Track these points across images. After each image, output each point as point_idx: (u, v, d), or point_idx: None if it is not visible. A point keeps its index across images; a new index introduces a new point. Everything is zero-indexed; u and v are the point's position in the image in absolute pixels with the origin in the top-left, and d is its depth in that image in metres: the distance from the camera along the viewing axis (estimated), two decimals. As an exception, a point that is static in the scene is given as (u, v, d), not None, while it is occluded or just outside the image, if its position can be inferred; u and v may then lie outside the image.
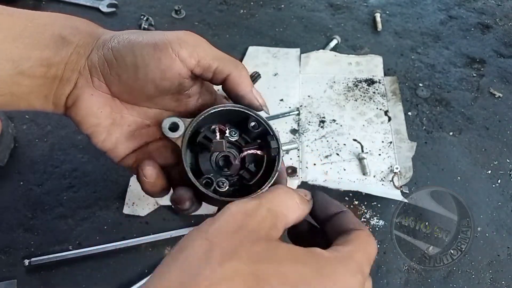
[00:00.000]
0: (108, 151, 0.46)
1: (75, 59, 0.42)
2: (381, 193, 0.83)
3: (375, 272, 0.75)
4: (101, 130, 0.44)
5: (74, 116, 0.44)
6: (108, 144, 0.45)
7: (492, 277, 0.75)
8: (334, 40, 1.14)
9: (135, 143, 0.46)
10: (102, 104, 0.43)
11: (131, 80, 0.42)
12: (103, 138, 0.45)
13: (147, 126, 0.46)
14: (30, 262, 0.74)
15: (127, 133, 0.45)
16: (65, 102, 0.43)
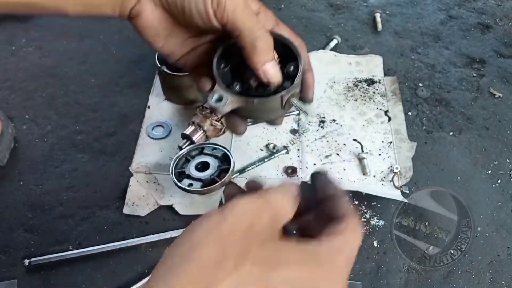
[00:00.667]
0: (166, 55, 0.55)
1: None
2: (381, 193, 0.83)
3: (375, 272, 0.75)
4: (159, 39, 0.53)
5: (138, 26, 0.52)
6: (166, 49, 0.54)
7: (492, 277, 0.75)
8: (334, 40, 1.14)
9: (186, 48, 0.55)
10: (160, 19, 0.51)
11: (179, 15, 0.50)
12: (162, 45, 0.54)
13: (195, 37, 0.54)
14: (30, 262, 0.74)
15: (180, 41, 0.54)
16: (129, 14, 0.51)
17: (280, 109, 0.50)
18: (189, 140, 0.85)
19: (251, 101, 0.47)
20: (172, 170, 0.78)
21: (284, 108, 0.50)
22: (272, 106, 0.49)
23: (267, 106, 0.49)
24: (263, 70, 0.47)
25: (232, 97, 0.48)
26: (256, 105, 0.48)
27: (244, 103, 0.48)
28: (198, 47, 0.55)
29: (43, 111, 0.99)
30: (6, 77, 1.06)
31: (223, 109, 0.48)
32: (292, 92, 0.49)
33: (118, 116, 0.99)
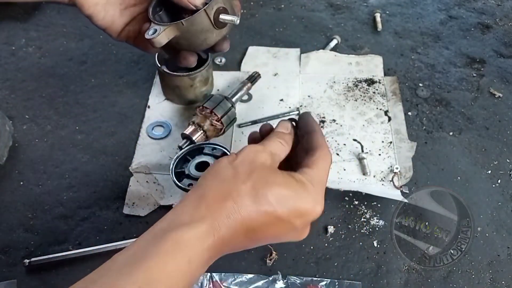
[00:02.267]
0: (107, 28, 0.60)
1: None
2: (381, 193, 0.83)
3: (375, 272, 0.75)
4: (99, 9, 0.58)
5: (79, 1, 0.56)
6: (107, 21, 0.59)
7: (492, 277, 0.75)
8: (334, 40, 1.14)
9: (126, 18, 0.60)
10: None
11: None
12: (102, 16, 0.58)
13: (134, 5, 0.60)
14: (30, 262, 0.74)
15: (119, 11, 0.60)
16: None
17: (213, 28, 0.54)
18: (189, 140, 0.85)
19: (180, 23, 0.52)
20: (172, 170, 0.78)
21: (217, 26, 0.54)
22: (203, 25, 0.53)
23: (197, 26, 0.53)
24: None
25: (164, 26, 0.52)
26: (187, 28, 0.52)
27: (178, 31, 0.53)
28: (137, 16, 0.61)
29: (43, 111, 0.99)
30: (6, 77, 1.07)
31: (159, 39, 0.52)
32: (217, 7, 0.53)
33: (118, 116, 0.99)
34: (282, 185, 0.47)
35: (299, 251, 0.78)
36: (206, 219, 0.44)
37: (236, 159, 0.49)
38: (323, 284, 0.73)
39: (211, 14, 0.52)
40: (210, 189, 0.46)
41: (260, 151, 0.49)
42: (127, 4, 0.60)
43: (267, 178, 0.47)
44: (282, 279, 0.73)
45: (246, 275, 0.74)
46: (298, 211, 0.47)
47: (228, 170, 0.47)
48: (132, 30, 0.62)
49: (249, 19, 1.22)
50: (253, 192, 0.45)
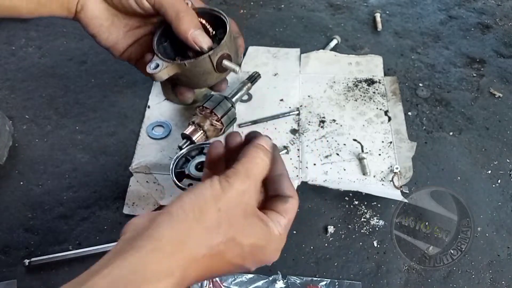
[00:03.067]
0: (110, 47, 0.60)
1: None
2: (381, 193, 0.83)
3: (375, 272, 0.75)
4: (104, 30, 0.58)
5: (83, 19, 0.57)
6: (111, 41, 0.60)
7: (492, 277, 0.75)
8: (334, 40, 1.14)
9: (130, 39, 0.61)
10: (103, 10, 0.58)
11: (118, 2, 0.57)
12: (106, 37, 0.59)
13: (138, 27, 0.61)
14: (30, 262, 0.74)
15: (123, 32, 0.60)
16: (76, 8, 0.57)
17: (214, 71, 0.55)
18: (189, 140, 0.85)
19: (183, 64, 0.52)
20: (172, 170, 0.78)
21: (218, 70, 0.55)
22: (204, 68, 0.54)
23: (200, 68, 0.54)
24: (192, 37, 0.53)
25: (167, 63, 0.53)
26: (189, 69, 0.53)
27: (179, 69, 0.53)
28: (140, 39, 0.61)
29: (43, 111, 0.99)
30: (6, 77, 1.07)
31: (160, 75, 0.53)
32: (221, 53, 0.53)
33: (118, 116, 0.99)
34: (258, 237, 0.44)
35: (299, 251, 0.78)
36: (175, 274, 0.38)
37: (223, 196, 0.42)
38: (323, 284, 0.73)
39: (214, 59, 0.53)
40: (189, 236, 0.40)
41: (246, 192, 0.44)
42: (131, 27, 0.60)
43: (247, 229, 0.44)
44: (282, 279, 0.73)
45: (246, 275, 0.74)
46: (260, 261, 0.46)
47: (212, 215, 0.41)
48: (134, 52, 0.62)
49: (249, 19, 1.22)
50: (231, 245, 0.42)
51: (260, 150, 0.47)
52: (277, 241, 0.47)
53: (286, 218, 0.47)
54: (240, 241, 0.43)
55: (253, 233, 0.44)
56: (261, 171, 0.47)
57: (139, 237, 0.39)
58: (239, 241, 0.43)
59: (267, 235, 0.45)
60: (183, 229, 0.40)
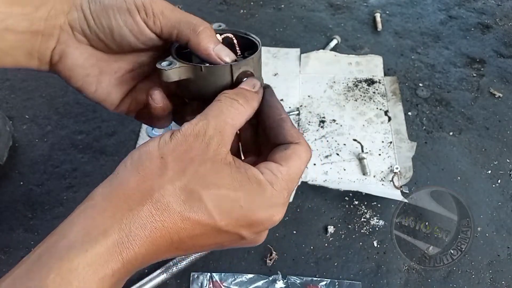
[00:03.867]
0: (102, 101, 0.48)
1: (54, 15, 0.44)
2: (381, 193, 0.83)
3: (375, 272, 0.75)
4: (91, 81, 0.47)
5: (63, 70, 0.46)
6: (101, 94, 0.48)
7: (492, 277, 0.75)
8: (334, 40, 1.14)
9: (125, 88, 0.49)
10: (87, 55, 0.46)
11: (107, 39, 0.44)
12: (95, 89, 0.47)
13: (132, 70, 0.49)
14: (30, 262, 0.74)
15: (115, 80, 0.48)
16: (51, 58, 0.45)
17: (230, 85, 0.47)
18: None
19: (199, 68, 0.45)
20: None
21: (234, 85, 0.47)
22: (222, 78, 0.47)
23: (216, 78, 0.47)
24: (216, 53, 0.44)
25: (181, 63, 0.45)
26: (204, 75, 0.46)
27: (192, 74, 0.46)
28: (136, 86, 0.50)
29: (43, 111, 0.99)
30: (6, 77, 1.07)
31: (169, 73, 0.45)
32: (245, 69, 0.47)
33: (118, 116, 0.99)
34: (226, 186, 0.35)
35: (299, 251, 0.78)
36: (110, 232, 0.32)
37: (169, 143, 0.36)
38: (323, 284, 0.73)
39: (236, 72, 0.46)
40: (123, 185, 0.34)
41: (201, 134, 0.36)
42: (125, 70, 0.49)
43: (207, 176, 0.35)
44: (282, 279, 0.73)
45: (246, 275, 0.74)
46: (245, 220, 0.36)
47: (153, 161, 0.35)
48: (132, 102, 0.50)
49: (249, 19, 1.22)
50: (183, 196, 0.34)
51: (232, 95, 0.40)
52: (267, 195, 0.36)
53: (285, 166, 0.38)
54: (197, 191, 0.34)
55: (220, 183, 0.35)
56: (232, 114, 0.38)
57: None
58: (196, 191, 0.34)
59: (244, 185, 0.35)
60: (118, 182, 0.34)
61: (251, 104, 0.41)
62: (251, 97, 0.41)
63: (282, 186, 0.37)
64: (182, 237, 0.35)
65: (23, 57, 0.45)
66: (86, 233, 0.31)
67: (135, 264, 0.34)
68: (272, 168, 0.38)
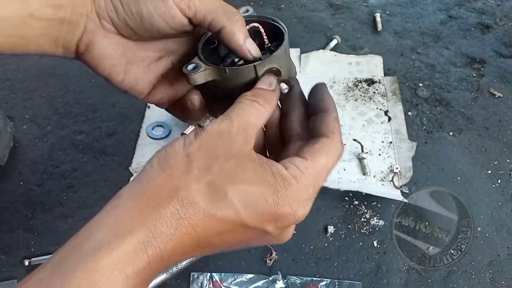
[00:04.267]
0: (130, 90, 0.49)
1: (81, 3, 0.43)
2: (381, 193, 0.82)
3: (375, 272, 0.75)
4: (118, 70, 0.47)
5: (90, 60, 0.45)
6: (129, 83, 0.48)
7: (492, 277, 0.75)
8: (334, 40, 1.14)
9: (153, 76, 0.49)
10: (115, 45, 0.45)
11: (136, 26, 0.43)
12: (122, 78, 0.47)
13: (159, 58, 0.49)
14: (30, 262, 0.74)
15: (143, 68, 0.48)
16: (77, 47, 0.45)
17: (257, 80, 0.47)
18: (189, 140, 0.85)
19: (223, 70, 0.46)
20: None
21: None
22: (246, 79, 0.47)
23: (241, 78, 0.47)
24: (247, 47, 0.44)
25: (206, 66, 0.46)
26: (229, 76, 0.46)
27: (218, 76, 0.47)
28: (168, 72, 0.49)
29: (43, 111, 0.99)
30: (6, 77, 1.07)
31: (195, 77, 0.46)
32: (270, 66, 0.47)
33: (118, 116, 0.99)
34: (250, 182, 0.35)
35: (299, 251, 0.78)
36: (136, 231, 0.32)
37: (194, 142, 0.36)
38: (323, 284, 0.73)
39: (260, 71, 0.46)
40: (150, 184, 0.35)
41: (225, 132, 0.36)
42: (152, 59, 0.48)
43: (232, 173, 0.35)
44: (282, 279, 0.73)
45: (246, 275, 0.74)
46: (270, 215, 0.36)
47: (179, 159, 0.35)
48: (164, 92, 0.51)
49: (249, 19, 1.22)
50: (209, 192, 0.34)
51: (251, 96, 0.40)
52: (292, 190, 0.36)
53: (310, 161, 0.37)
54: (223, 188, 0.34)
55: (244, 179, 0.35)
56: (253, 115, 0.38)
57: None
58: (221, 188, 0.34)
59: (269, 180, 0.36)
60: (145, 181, 0.35)
61: (271, 103, 0.41)
62: (270, 97, 0.41)
63: (308, 182, 0.36)
64: (209, 235, 0.35)
65: (48, 45, 0.44)
66: (114, 233, 0.32)
67: (160, 264, 0.33)
68: (297, 163, 0.37)
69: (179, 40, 0.48)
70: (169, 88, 0.50)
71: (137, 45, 0.47)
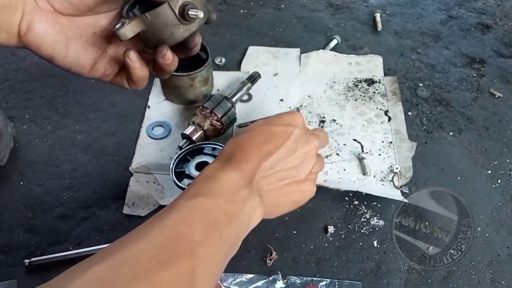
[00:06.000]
0: (73, 66, 0.53)
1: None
2: (381, 193, 0.83)
3: (375, 272, 0.75)
4: (60, 47, 0.50)
5: (32, 40, 0.48)
6: (71, 60, 0.52)
7: (492, 277, 0.75)
8: (334, 40, 1.14)
9: (93, 51, 0.53)
10: (52, 23, 0.49)
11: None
12: (64, 54, 0.51)
13: (94, 33, 0.53)
14: (30, 262, 0.74)
15: (82, 44, 0.52)
16: (19, 30, 0.47)
17: (179, 22, 0.51)
18: (189, 140, 0.85)
19: (144, 17, 0.49)
20: (172, 170, 0.78)
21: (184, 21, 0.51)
22: (167, 19, 0.50)
23: (162, 20, 0.50)
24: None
25: (130, 19, 0.49)
26: (151, 22, 0.50)
27: (144, 25, 0.50)
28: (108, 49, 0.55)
29: (43, 111, 1.00)
30: (6, 77, 1.07)
31: (124, 31, 0.49)
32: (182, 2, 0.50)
33: (118, 116, 0.99)
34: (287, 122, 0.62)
35: (299, 251, 0.78)
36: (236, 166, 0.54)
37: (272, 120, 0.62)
38: (323, 284, 0.73)
39: (175, 7, 0.50)
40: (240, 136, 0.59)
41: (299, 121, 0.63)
42: (89, 34, 0.53)
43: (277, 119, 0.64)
44: (282, 279, 0.73)
45: (246, 275, 0.74)
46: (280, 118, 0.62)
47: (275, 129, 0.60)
48: (107, 66, 0.56)
49: (249, 19, 1.22)
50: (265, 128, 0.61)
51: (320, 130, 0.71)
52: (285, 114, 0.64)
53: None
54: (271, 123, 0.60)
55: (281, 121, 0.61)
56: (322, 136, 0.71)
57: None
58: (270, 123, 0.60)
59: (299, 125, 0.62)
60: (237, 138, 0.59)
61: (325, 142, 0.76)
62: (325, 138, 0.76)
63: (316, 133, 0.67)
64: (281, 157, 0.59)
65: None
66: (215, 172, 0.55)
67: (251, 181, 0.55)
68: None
69: (108, 14, 0.53)
70: (109, 59, 0.55)
71: (73, 22, 0.51)
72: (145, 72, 0.55)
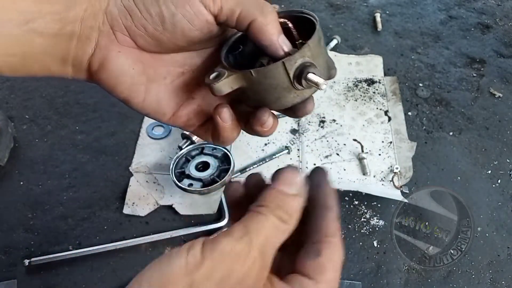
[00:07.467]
0: (152, 111, 0.41)
1: (91, 14, 0.37)
2: (381, 193, 0.82)
3: (375, 272, 0.75)
4: (138, 89, 0.40)
5: (105, 79, 0.39)
6: (150, 104, 0.41)
7: (492, 277, 0.75)
8: (334, 40, 1.14)
9: (177, 96, 0.42)
10: (132, 60, 0.39)
11: (158, 32, 0.38)
12: (143, 98, 0.40)
13: (182, 73, 0.42)
14: (30, 262, 0.74)
15: (165, 87, 0.41)
16: (89, 66, 0.39)
17: (292, 86, 0.40)
18: (189, 140, 0.85)
19: (249, 73, 0.39)
20: (172, 170, 0.79)
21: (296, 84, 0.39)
22: (278, 80, 0.39)
23: (271, 80, 0.39)
24: (280, 42, 0.37)
25: (229, 72, 0.39)
26: (257, 80, 0.39)
27: (245, 81, 0.40)
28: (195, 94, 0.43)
29: (43, 111, 0.99)
30: (6, 77, 1.07)
31: (219, 86, 0.39)
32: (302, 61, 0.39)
33: (118, 116, 0.99)
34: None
35: (299, 251, 0.78)
36: None
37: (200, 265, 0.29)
38: (323, 284, 0.73)
39: (291, 68, 0.38)
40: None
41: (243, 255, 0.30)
42: (175, 74, 0.42)
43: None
44: (282, 279, 0.73)
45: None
46: None
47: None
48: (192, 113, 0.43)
49: (249, 19, 1.22)
50: None
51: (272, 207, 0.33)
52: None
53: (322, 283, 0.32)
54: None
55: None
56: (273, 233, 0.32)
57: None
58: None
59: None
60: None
61: (295, 217, 0.34)
62: (294, 208, 0.34)
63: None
64: None
65: (55, 64, 0.39)
66: None
67: None
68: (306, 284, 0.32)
69: (202, 52, 0.43)
70: (195, 107, 0.43)
71: (157, 60, 0.41)
72: (236, 135, 0.42)
